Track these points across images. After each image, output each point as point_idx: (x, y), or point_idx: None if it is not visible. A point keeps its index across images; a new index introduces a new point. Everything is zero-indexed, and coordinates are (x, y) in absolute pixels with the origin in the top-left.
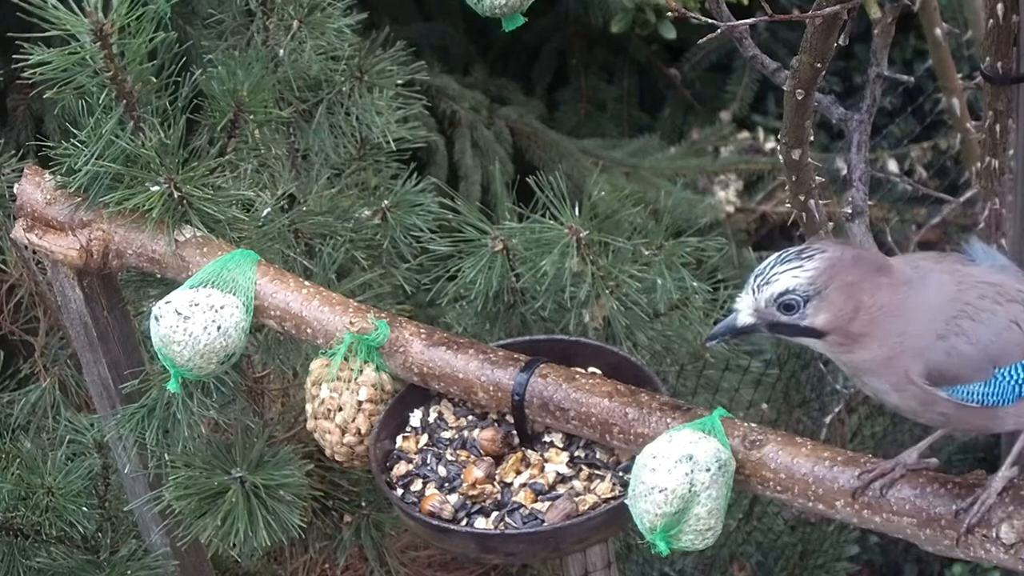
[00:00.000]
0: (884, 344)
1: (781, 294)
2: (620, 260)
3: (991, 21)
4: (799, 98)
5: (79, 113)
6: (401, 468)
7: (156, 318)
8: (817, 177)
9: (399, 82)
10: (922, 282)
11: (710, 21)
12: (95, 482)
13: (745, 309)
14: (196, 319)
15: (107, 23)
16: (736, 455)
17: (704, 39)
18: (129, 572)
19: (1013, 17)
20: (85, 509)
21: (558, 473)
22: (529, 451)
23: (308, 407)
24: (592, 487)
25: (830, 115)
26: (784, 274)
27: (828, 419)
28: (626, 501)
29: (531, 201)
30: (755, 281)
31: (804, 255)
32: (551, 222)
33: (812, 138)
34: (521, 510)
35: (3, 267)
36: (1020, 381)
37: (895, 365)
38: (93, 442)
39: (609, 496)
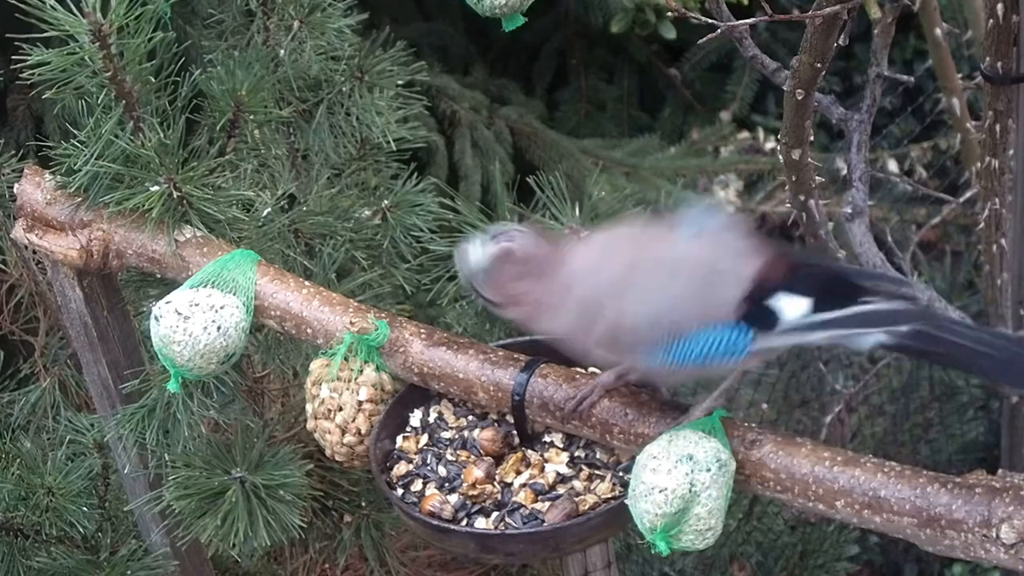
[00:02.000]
0: (559, 315)
1: (473, 274)
2: None
3: (991, 21)
4: (799, 98)
5: (79, 113)
6: (401, 468)
7: (156, 318)
8: (817, 177)
9: (399, 82)
10: (594, 257)
11: (710, 21)
12: (95, 482)
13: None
14: (196, 319)
15: (106, 23)
16: (736, 455)
17: (704, 39)
18: (129, 572)
19: (1013, 17)
20: (85, 509)
21: (558, 473)
22: (529, 451)
23: (308, 407)
24: (592, 487)
25: (830, 115)
26: (474, 251)
27: (828, 419)
28: (626, 501)
29: (531, 201)
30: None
31: (495, 237)
32: (551, 222)
33: (812, 138)
34: (521, 510)
35: (3, 267)
36: (705, 347)
37: (579, 334)
38: (93, 442)
39: (609, 496)
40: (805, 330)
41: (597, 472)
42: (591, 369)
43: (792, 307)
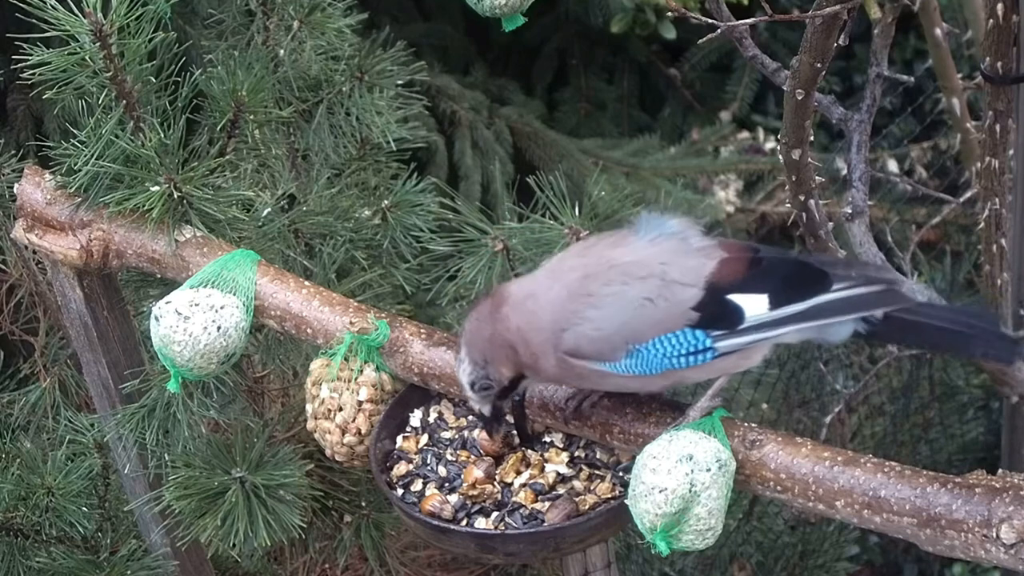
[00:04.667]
0: (544, 350)
1: (471, 386)
2: None
3: (991, 21)
4: (799, 98)
5: (79, 113)
6: (401, 468)
7: (156, 318)
8: (817, 177)
9: (399, 82)
10: (545, 286)
11: (710, 21)
12: (95, 482)
13: (480, 405)
14: (196, 319)
15: (106, 23)
16: (736, 455)
17: (704, 39)
18: (129, 572)
19: (1013, 17)
20: (85, 509)
21: (558, 473)
22: (529, 451)
23: (308, 407)
24: (592, 487)
25: (830, 115)
26: (461, 376)
27: (828, 419)
28: (626, 501)
29: (531, 201)
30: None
31: (457, 353)
32: (551, 222)
33: (812, 138)
34: (521, 510)
35: (3, 267)
36: (667, 354)
37: (558, 366)
38: (93, 442)
39: (609, 496)
40: (767, 328)
41: (597, 472)
42: None
43: (750, 306)
